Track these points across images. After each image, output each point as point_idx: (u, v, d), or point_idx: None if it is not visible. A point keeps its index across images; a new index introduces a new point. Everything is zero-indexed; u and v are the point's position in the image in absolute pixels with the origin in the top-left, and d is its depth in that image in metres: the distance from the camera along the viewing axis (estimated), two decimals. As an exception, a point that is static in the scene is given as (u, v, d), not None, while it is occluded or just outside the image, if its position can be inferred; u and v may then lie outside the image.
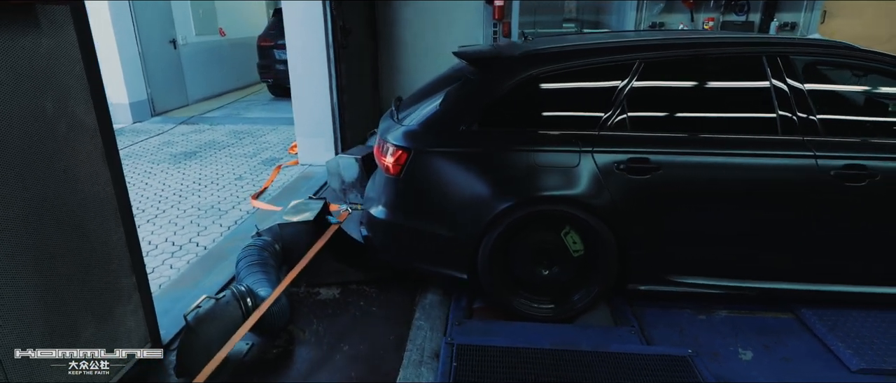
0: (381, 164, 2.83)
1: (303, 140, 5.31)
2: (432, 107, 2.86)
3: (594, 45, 2.72)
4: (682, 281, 2.66)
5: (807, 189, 2.49)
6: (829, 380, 2.28)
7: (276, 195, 4.53)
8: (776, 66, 2.55)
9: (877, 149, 2.51)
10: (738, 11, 5.82)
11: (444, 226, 2.69)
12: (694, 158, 2.51)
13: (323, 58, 4.96)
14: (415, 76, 6.39)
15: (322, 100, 5.08)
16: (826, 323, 2.59)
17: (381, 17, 6.21)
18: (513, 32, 6.10)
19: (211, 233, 3.83)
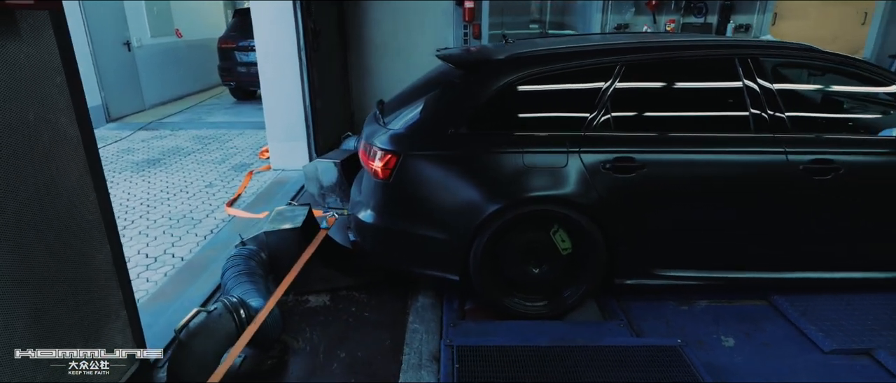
0: (369, 168, 2.81)
1: (275, 145, 5.21)
2: (419, 110, 2.87)
3: (577, 49, 2.79)
4: (665, 274, 2.77)
5: (779, 183, 2.64)
6: (805, 362, 2.42)
7: (251, 202, 4.42)
8: (747, 67, 2.69)
9: (840, 144, 2.68)
10: (696, 14, 6.08)
11: (435, 228, 2.70)
12: (675, 156, 2.62)
13: (294, 61, 4.87)
14: (386, 77, 6.37)
15: (294, 104, 5.00)
16: (797, 309, 2.75)
17: (350, 18, 6.15)
18: (483, 34, 6.16)
19: (187, 243, 3.70)
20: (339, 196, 4.22)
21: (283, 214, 3.09)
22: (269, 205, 4.29)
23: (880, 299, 2.81)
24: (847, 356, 2.44)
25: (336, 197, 4.23)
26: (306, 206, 3.21)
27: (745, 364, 2.41)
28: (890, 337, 2.52)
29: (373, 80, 6.41)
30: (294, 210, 3.15)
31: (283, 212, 3.12)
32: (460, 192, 2.65)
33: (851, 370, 2.37)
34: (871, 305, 2.76)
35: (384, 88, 6.38)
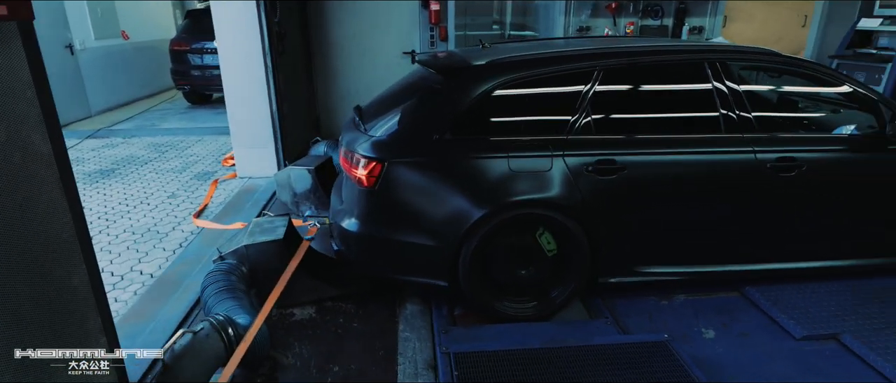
0: (353, 176, 2.77)
1: (241, 151, 5.04)
2: (401, 116, 2.85)
3: (557, 54, 2.84)
4: (646, 271, 2.87)
5: (749, 180, 2.78)
6: (780, 349, 2.56)
7: (220, 212, 4.27)
8: (716, 70, 2.81)
9: (802, 142, 2.86)
10: (653, 16, 6.30)
11: (423, 235, 2.69)
12: (653, 157, 2.71)
13: (259, 65, 4.73)
14: (352, 80, 6.28)
15: (260, 110, 4.85)
16: (768, 299, 2.90)
17: (314, 20, 6.03)
18: (449, 36, 6.17)
19: (155, 258, 3.53)
20: (313, 203, 4.13)
21: (263, 226, 2.99)
22: (239, 215, 4.16)
23: (841, 286, 3.00)
24: (817, 341, 2.60)
25: (310, 204, 4.14)
26: (286, 217, 3.13)
27: (726, 354, 2.52)
28: (852, 321, 2.69)
29: (339, 82, 6.31)
30: (273, 221, 3.06)
31: (262, 224, 3.02)
32: (447, 198, 2.65)
33: (821, 355, 2.52)
34: (834, 292, 2.95)
35: (350, 91, 6.31)
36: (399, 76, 6.18)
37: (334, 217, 3.00)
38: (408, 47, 6.25)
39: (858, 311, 2.77)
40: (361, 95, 6.32)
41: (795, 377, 2.36)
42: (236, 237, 3.00)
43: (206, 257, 3.43)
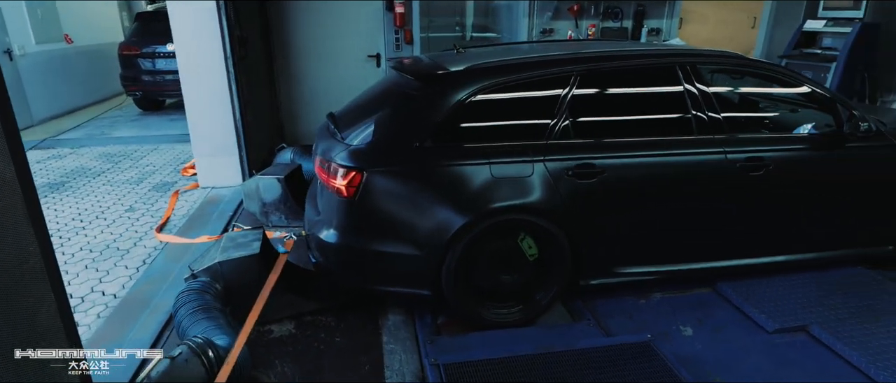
0: (330, 186, 2.70)
1: (202, 161, 4.84)
2: (379, 124, 2.80)
3: (536, 59, 2.85)
4: (626, 271, 2.92)
5: (720, 179, 2.87)
6: (754, 343, 2.66)
7: (184, 225, 4.08)
8: (687, 73, 2.90)
9: (769, 142, 2.97)
10: (614, 19, 6.45)
11: (405, 245, 2.64)
12: (631, 160, 2.76)
13: (221, 71, 4.55)
14: (316, 84, 6.15)
15: (223, 117, 4.67)
16: (740, 294, 3.01)
17: (275, 23, 5.86)
18: (415, 39, 6.12)
19: (117, 277, 3.34)
20: (284, 213, 4.01)
21: (236, 240, 2.88)
22: (205, 228, 3.99)
23: (805, 278, 3.15)
24: (788, 334, 2.71)
25: (280, 214, 4.01)
26: (260, 230, 3.02)
27: (704, 351, 2.60)
28: (818, 312, 2.83)
29: (302, 87, 6.16)
30: (247, 234, 2.94)
31: (235, 238, 2.90)
32: (430, 207, 2.62)
33: (793, 346, 2.63)
34: (799, 284, 3.09)
35: (315, 96, 6.17)
36: (365, 80, 6.14)
37: (311, 228, 2.92)
38: (372, 50, 6.17)
39: (823, 302, 2.91)
40: (327, 100, 6.20)
41: (771, 370, 2.46)
42: (208, 253, 2.87)
43: (173, 274, 3.27)
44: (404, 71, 3.05)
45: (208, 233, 3.86)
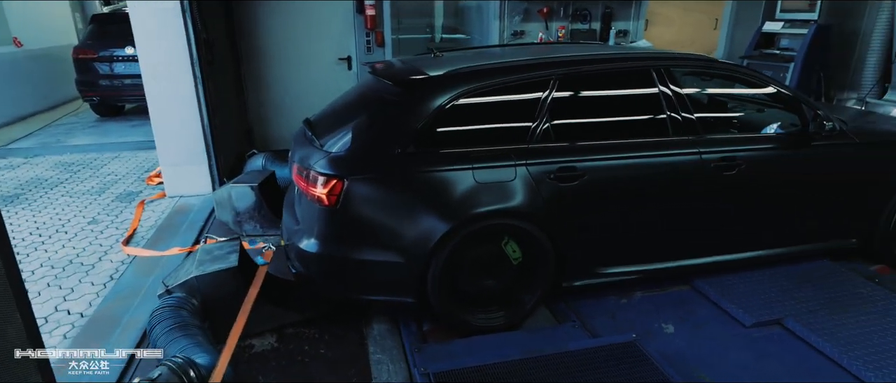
0: (310, 195, 2.63)
1: (169, 169, 4.66)
2: (359, 130, 2.75)
3: (517, 63, 2.85)
4: (608, 272, 2.96)
5: (696, 179, 2.94)
6: (733, 338, 2.73)
7: (152, 237, 3.92)
8: (661, 76, 2.95)
9: (740, 142, 3.06)
10: (582, 21, 6.54)
11: (389, 253, 2.61)
12: (611, 162, 2.80)
13: (187, 76, 4.40)
14: (285, 89, 6.01)
15: (190, 124, 4.51)
16: (716, 290, 3.08)
17: (242, 26, 5.70)
18: (386, 41, 6.06)
19: (83, 294, 3.17)
20: (258, 222, 3.90)
21: (212, 253, 2.77)
22: (174, 239, 3.85)
23: (776, 272, 3.25)
24: (764, 327, 2.79)
25: (255, 223, 3.90)
26: (236, 241, 2.92)
27: (687, 347, 2.65)
28: (791, 305, 2.92)
29: (271, 91, 6.01)
30: (223, 246, 2.84)
31: (211, 250, 2.80)
32: (414, 213, 2.59)
33: (770, 339, 2.71)
34: (771, 279, 3.19)
35: (285, 100, 6.04)
36: (337, 83, 6.07)
37: (290, 237, 2.85)
38: (344, 53, 6.08)
39: (795, 295, 3.02)
40: (298, 104, 6.08)
41: (752, 364, 2.53)
42: (183, 266, 2.76)
43: (143, 289, 3.14)
44: (382, 76, 3.01)
45: (179, 244, 3.72)
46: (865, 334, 2.66)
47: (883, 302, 2.96)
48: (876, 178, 3.26)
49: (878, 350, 2.55)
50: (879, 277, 3.29)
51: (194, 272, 2.58)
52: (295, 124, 6.10)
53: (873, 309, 2.88)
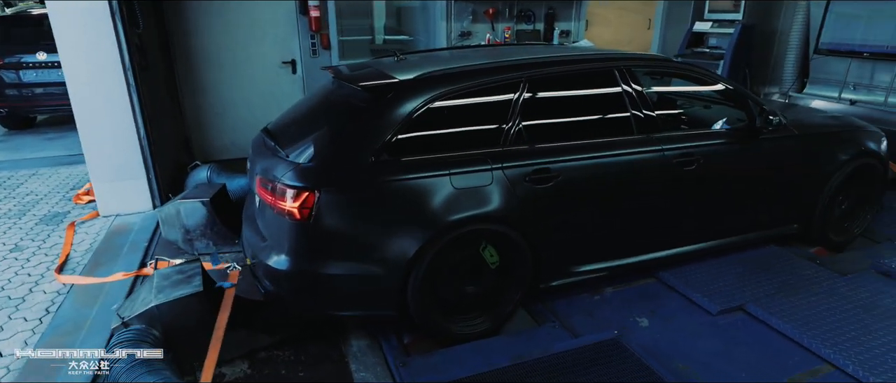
0: (278, 209, 2.49)
1: (102, 186, 4.26)
2: (328, 139, 2.63)
3: (488, 66, 2.82)
4: (582, 270, 3.00)
5: (660, 175, 3.04)
6: (702, 326, 2.85)
7: (90, 262, 3.56)
8: (624, 76, 3.03)
9: (696, 138, 3.19)
10: (527, 22, 6.66)
11: (366, 265, 2.51)
12: (584, 162, 2.84)
13: (120, 83, 4.04)
14: (227, 94, 5.69)
15: (125, 135, 4.15)
16: (680, 280, 3.21)
17: (175, 28, 5.32)
18: (332, 43, 5.88)
19: (16, 333, 2.82)
20: (211, 239, 3.65)
21: (171, 277, 2.55)
22: (116, 264, 3.52)
23: (731, 260, 3.44)
24: (729, 314, 2.94)
25: (208, 241, 3.64)
26: (196, 263, 2.70)
27: (663, 339, 2.73)
28: (750, 291, 3.10)
29: (210, 98, 5.67)
30: (183, 269, 2.62)
31: (169, 275, 2.57)
32: (392, 223, 2.51)
33: (735, 325, 2.86)
34: (728, 266, 3.37)
35: (226, 107, 5.72)
36: (281, 87, 5.83)
37: (257, 254, 2.67)
38: (287, 57, 5.83)
39: (751, 281, 3.20)
40: (241, 110, 5.78)
41: (723, 350, 2.65)
42: (137, 294, 2.52)
43: (87, 322, 2.84)
44: (349, 80, 2.89)
45: (123, 269, 3.40)
46: (818, 313, 2.86)
47: (827, 282, 3.20)
48: (813, 167, 3.52)
49: (831, 327, 2.74)
50: (820, 259, 3.57)
51: (154, 300, 2.35)
52: (237, 132, 5.85)
53: (820, 290, 3.11)
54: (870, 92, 5.08)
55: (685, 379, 2.40)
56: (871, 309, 2.92)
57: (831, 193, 3.56)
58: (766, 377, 2.46)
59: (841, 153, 3.54)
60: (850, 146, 3.58)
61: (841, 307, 2.92)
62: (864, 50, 4.92)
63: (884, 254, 3.62)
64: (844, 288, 3.12)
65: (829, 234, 3.70)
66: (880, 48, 4.79)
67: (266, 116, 5.87)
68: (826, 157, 3.52)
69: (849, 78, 5.19)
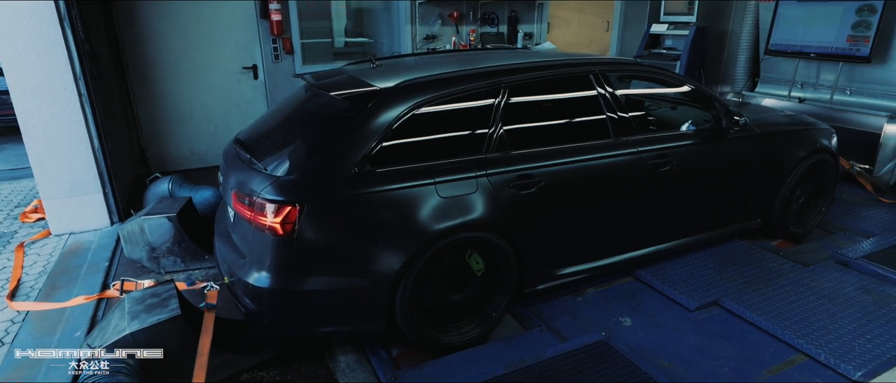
0: (258, 224, 2.39)
1: (54, 203, 3.98)
2: (309, 149, 2.54)
3: (470, 72, 2.79)
4: (565, 272, 3.04)
5: (637, 176, 3.11)
6: (683, 322, 2.93)
7: (45, 286, 3.31)
8: (599, 80, 3.09)
9: (671, 139, 3.28)
10: (491, 24, 6.70)
11: (353, 279, 2.45)
12: (565, 166, 2.86)
13: (71, 93, 3.79)
14: (185, 103, 5.45)
15: (78, 148, 3.90)
16: (658, 278, 3.30)
17: (126, 34, 5.05)
18: (295, 48, 5.73)
19: (-35, 369, 2.59)
20: (179, 257, 3.47)
21: (143, 301, 2.40)
22: (75, 287, 3.30)
23: (702, 256, 3.56)
24: (706, 309, 3.04)
25: (175, 258, 3.47)
26: (170, 284, 2.55)
27: (646, 338, 2.80)
28: (722, 286, 3.21)
29: (166, 106, 5.41)
30: (156, 292, 2.47)
31: (142, 298, 2.42)
32: (378, 236, 2.45)
33: (713, 320, 2.95)
34: (700, 263, 3.49)
35: (183, 115, 5.48)
36: (242, 94, 5.66)
37: (235, 272, 2.56)
38: (248, 62, 5.65)
39: (723, 276, 3.32)
40: (201, 118, 5.56)
41: (705, 346, 2.73)
42: (108, 322, 2.35)
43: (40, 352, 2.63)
44: (325, 88, 2.82)
45: (83, 292, 3.19)
46: (788, 305, 3.00)
47: (792, 273, 3.36)
48: (773, 164, 3.69)
49: (800, 318, 2.88)
50: (782, 251, 3.74)
51: (128, 328, 2.20)
52: (197, 141, 5.62)
53: (787, 281, 3.26)
54: (816, 90, 5.38)
55: (673, 377, 2.46)
56: (834, 298, 3.08)
57: (790, 188, 3.75)
58: (746, 369, 2.55)
59: (798, 150, 3.73)
60: (807, 143, 3.78)
61: (807, 298, 3.07)
62: (810, 50, 5.20)
63: (839, 243, 3.84)
64: (808, 279, 3.28)
65: (790, 227, 3.89)
66: (825, 49, 5.08)
67: (227, 124, 5.73)
68: (785, 155, 3.70)
69: (797, 77, 5.49)
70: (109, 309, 2.94)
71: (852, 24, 4.84)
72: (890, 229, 4.03)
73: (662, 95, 3.89)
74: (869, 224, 4.15)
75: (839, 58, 5.00)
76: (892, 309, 2.98)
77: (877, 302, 3.04)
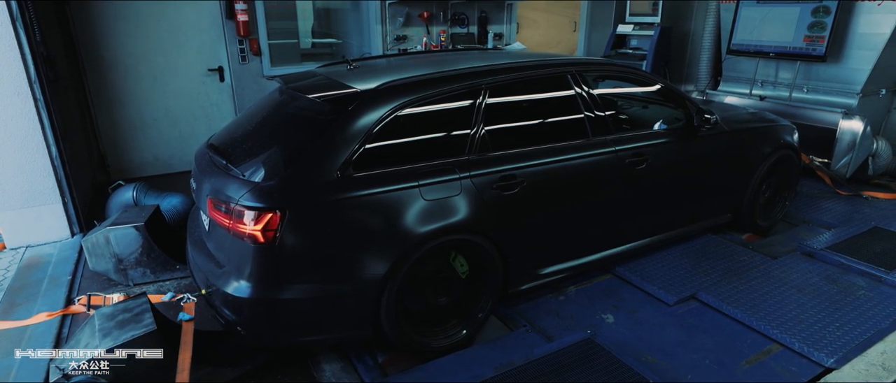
0: (238, 232, 2.31)
1: (9, 214, 3.75)
2: (288, 154, 2.47)
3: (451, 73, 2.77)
4: (547, 272, 3.05)
5: (615, 175, 3.15)
6: (664, 317, 2.99)
7: (2, 302, 3.11)
8: (577, 80, 3.12)
9: (646, 137, 3.34)
10: (461, 25, 6.69)
11: (337, 286, 2.40)
12: (547, 166, 2.88)
13: (26, 98, 3.58)
14: (147, 107, 5.23)
15: (34, 156, 3.69)
16: (636, 274, 3.36)
17: (83, 36, 4.81)
18: (263, 49, 5.58)
19: (-84, 396, 2.40)
20: (148, 268, 3.32)
21: (115, 317, 2.28)
22: (35, 303, 3.12)
23: (677, 251, 3.65)
24: (684, 303, 3.11)
25: (144, 269, 3.32)
26: (142, 297, 2.44)
27: (630, 334, 2.84)
28: (698, 280, 3.30)
29: (127, 111, 5.18)
30: (127, 307, 2.35)
31: (113, 314, 2.30)
32: (362, 241, 2.41)
33: (691, 313, 3.02)
34: (676, 258, 3.57)
35: (146, 120, 5.27)
36: (208, 97, 5.49)
37: (213, 282, 2.46)
38: (213, 64, 5.46)
39: (698, 270, 3.41)
40: (164, 123, 5.36)
41: (685, 339, 2.79)
42: (77, 340, 2.22)
43: (11, 374, 2.48)
44: (303, 91, 2.75)
45: (46, 308, 3.01)
46: (761, 296, 3.10)
47: (763, 265, 3.48)
48: (742, 161, 3.81)
49: (773, 308, 2.98)
50: (751, 244, 3.87)
51: (101, 346, 2.09)
52: (161, 147, 5.41)
53: (758, 274, 3.37)
54: (776, 88, 5.59)
55: (658, 372, 2.50)
56: (803, 288, 3.20)
57: (757, 183, 3.88)
58: (726, 361, 2.62)
59: (764, 146, 3.86)
60: (772, 140, 3.92)
61: (778, 289, 3.18)
62: (770, 50, 5.41)
63: (803, 235, 4.00)
64: (778, 271, 3.40)
65: (757, 220, 4.03)
66: (783, 48, 5.29)
67: (193, 128, 5.54)
68: (752, 151, 3.83)
69: (757, 76, 5.69)
70: (76, 326, 2.79)
71: (808, 24, 5.05)
72: (849, 220, 4.23)
73: (636, 95, 3.96)
74: (829, 216, 4.34)
75: (797, 57, 5.22)
76: (857, 297, 3.11)
77: (842, 291, 3.18)
